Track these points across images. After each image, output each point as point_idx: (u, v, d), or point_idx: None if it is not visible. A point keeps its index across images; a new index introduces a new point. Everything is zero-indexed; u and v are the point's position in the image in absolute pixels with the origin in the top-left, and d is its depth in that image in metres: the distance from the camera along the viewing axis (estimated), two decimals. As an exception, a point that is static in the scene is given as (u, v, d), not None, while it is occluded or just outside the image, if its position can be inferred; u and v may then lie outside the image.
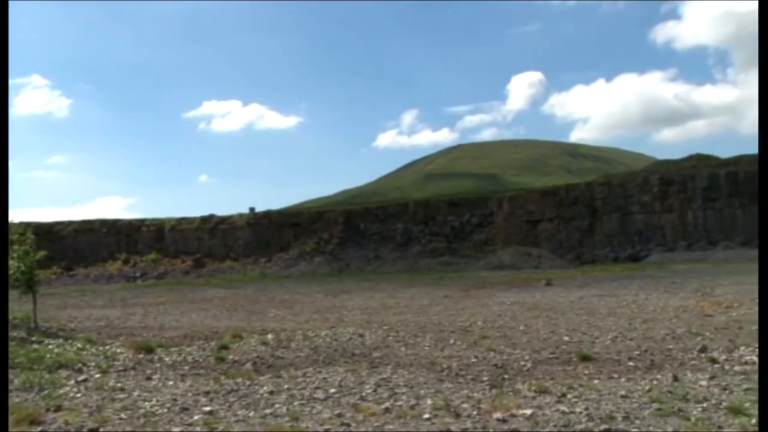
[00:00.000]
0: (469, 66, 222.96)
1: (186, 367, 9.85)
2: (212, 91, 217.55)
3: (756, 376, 7.85)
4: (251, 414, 6.78)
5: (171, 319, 17.70)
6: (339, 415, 6.61)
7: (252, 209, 59.05)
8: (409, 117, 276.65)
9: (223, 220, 57.15)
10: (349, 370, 9.13)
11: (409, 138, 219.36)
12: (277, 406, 7.11)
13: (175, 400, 7.42)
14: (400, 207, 55.62)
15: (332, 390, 7.86)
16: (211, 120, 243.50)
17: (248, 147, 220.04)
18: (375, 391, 7.78)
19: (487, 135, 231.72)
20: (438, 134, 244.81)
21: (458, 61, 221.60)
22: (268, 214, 57.80)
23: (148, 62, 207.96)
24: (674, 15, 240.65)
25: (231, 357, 10.73)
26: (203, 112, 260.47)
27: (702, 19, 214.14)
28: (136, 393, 7.86)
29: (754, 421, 5.86)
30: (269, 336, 13.14)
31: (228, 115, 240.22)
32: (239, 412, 6.86)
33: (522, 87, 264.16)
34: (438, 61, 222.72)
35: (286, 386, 8.15)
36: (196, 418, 6.65)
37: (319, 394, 7.63)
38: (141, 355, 10.89)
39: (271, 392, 7.81)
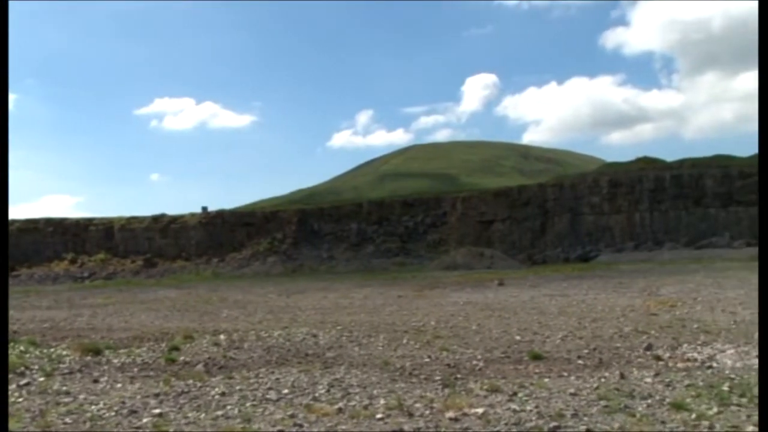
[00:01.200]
0: (424, 67, 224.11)
1: (135, 369, 9.66)
2: (164, 88, 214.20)
3: (698, 373, 8.10)
4: (202, 416, 6.69)
5: (120, 320, 17.33)
6: (292, 416, 6.57)
7: (204, 208, 58.24)
8: (364, 117, 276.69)
9: (175, 219, 56.21)
10: (303, 371, 9.08)
11: (364, 138, 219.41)
12: (228, 407, 7.03)
13: (123, 402, 7.27)
14: (355, 207, 55.59)
15: (285, 391, 7.80)
16: (163, 118, 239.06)
17: (201, 146, 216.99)
18: (328, 391, 7.76)
19: (441, 136, 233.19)
20: (393, 135, 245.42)
21: (413, 62, 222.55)
22: (221, 214, 57.09)
23: (98, 58, 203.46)
24: (623, 21, 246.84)
25: (182, 358, 10.55)
26: (155, 109, 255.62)
27: (649, 26, 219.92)
28: (82, 396, 7.67)
29: (694, 416, 6.04)
30: (221, 337, 12.98)
31: (180, 113, 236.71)
32: (190, 414, 6.76)
33: (476, 89, 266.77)
34: (393, 61, 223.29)
35: (238, 387, 8.07)
36: (145, 421, 6.52)
37: (272, 395, 7.57)
38: (88, 358, 10.64)
39: (223, 393, 7.72)
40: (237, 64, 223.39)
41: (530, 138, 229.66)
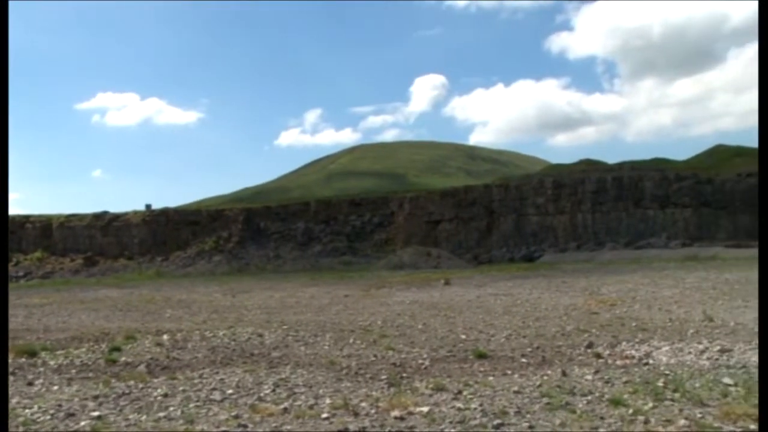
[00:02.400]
0: (373, 67, 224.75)
1: (73, 371, 9.39)
2: (107, 82, 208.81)
3: (635, 369, 8.33)
4: (143, 418, 6.55)
5: (57, 321, 16.81)
6: (236, 417, 6.50)
7: (148, 206, 56.98)
8: (312, 116, 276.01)
9: (117, 217, 54.81)
10: (248, 371, 8.99)
11: (312, 137, 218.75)
12: (171, 408, 6.90)
13: (59, 405, 7.06)
14: (302, 206, 55.25)
15: (229, 391, 7.71)
16: (105, 113, 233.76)
17: (145, 142, 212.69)
18: (273, 391, 7.70)
19: (389, 136, 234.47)
20: (341, 134, 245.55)
21: (362, 61, 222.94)
22: (165, 212, 55.95)
23: (37, 50, 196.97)
24: (567, 26, 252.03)
25: (123, 359, 10.32)
26: (97, 104, 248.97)
27: (592, 32, 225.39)
28: (15, 400, 7.42)
29: (631, 411, 6.22)
30: (165, 337, 12.73)
31: (124, 109, 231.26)
32: (130, 416, 6.61)
33: (424, 89, 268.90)
34: (342, 61, 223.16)
35: (181, 388, 7.93)
36: (82, 424, 6.35)
37: (216, 396, 7.47)
38: (22, 360, 10.30)
39: (166, 395, 7.58)
40: (184, 60, 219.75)
41: (477, 139, 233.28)
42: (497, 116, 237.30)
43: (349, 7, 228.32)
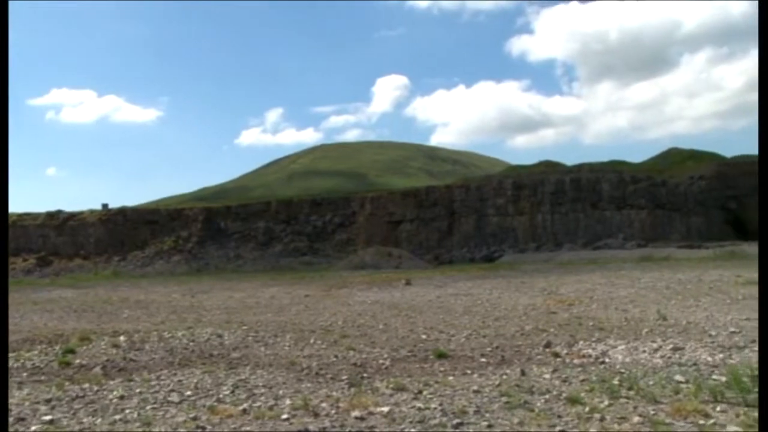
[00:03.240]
0: (335, 67, 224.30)
1: (24, 374, 9.16)
2: (63, 78, 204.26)
3: (592, 368, 8.48)
4: (98, 421, 6.42)
5: (9, 322, 16.37)
6: (194, 418, 6.42)
7: (105, 205, 55.89)
8: (273, 115, 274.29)
9: (73, 216, 53.62)
10: (207, 372, 8.88)
11: (273, 136, 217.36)
12: (127, 411, 6.78)
13: (9, 410, 6.87)
14: (263, 206, 54.82)
15: (188, 392, 7.61)
16: (60, 109, 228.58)
17: (102, 140, 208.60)
18: (233, 392, 7.63)
19: (351, 136, 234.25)
20: (303, 133, 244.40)
21: (324, 61, 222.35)
22: (122, 211, 54.93)
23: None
24: (528, 29, 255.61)
25: (78, 361, 10.09)
26: (52, 100, 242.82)
27: (552, 35, 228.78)
28: (-35, 403, 7.20)
29: (587, 409, 6.32)
30: (121, 338, 12.50)
31: (80, 106, 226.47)
32: (84, 420, 6.48)
33: (386, 90, 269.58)
34: (304, 60, 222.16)
35: (138, 390, 7.80)
36: (33, 428, 6.20)
37: (174, 397, 7.37)
38: (-27, 362, 9.99)
39: (122, 397, 7.45)
40: (143, 57, 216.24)
41: (438, 139, 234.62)
42: (458, 117, 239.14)
43: (311, 7, 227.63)
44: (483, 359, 9.54)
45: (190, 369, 9.22)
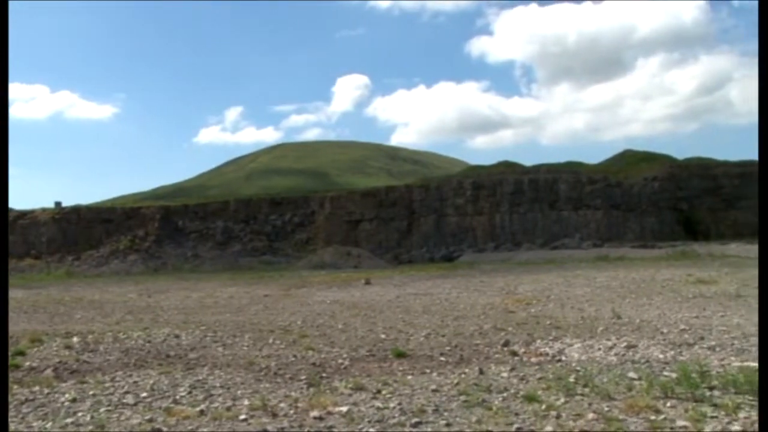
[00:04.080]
0: (295, 66, 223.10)
1: (-27, 377, 8.89)
2: (14, 73, 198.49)
3: (549, 366, 8.62)
4: (49, 425, 6.29)
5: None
6: (150, 420, 6.33)
7: (58, 204, 54.55)
8: (233, 114, 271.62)
9: (24, 214, 52.22)
10: (163, 373, 8.76)
11: (232, 135, 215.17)
12: (80, 414, 6.65)
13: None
14: (221, 205, 54.22)
15: (143, 394, 7.50)
16: (11, 105, 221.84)
17: (56, 137, 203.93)
18: (190, 393, 7.54)
19: (311, 135, 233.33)
20: (262, 132, 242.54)
21: (285, 60, 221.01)
22: (76, 209, 53.71)
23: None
24: (487, 31, 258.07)
25: (28, 363, 9.84)
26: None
27: (511, 37, 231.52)
28: None
29: (544, 406, 6.44)
30: (74, 339, 12.22)
31: (32, 101, 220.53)
32: (34, 424, 6.33)
33: (347, 89, 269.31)
34: (264, 59, 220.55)
35: (91, 392, 7.65)
36: (-17, 432, 6.03)
37: (129, 399, 7.25)
38: None
39: (74, 399, 7.29)
40: (99, 52, 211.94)
41: (398, 139, 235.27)
42: (419, 117, 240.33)
43: (271, 6, 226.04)
44: (442, 358, 9.61)
45: (146, 370, 9.08)
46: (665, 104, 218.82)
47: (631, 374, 7.74)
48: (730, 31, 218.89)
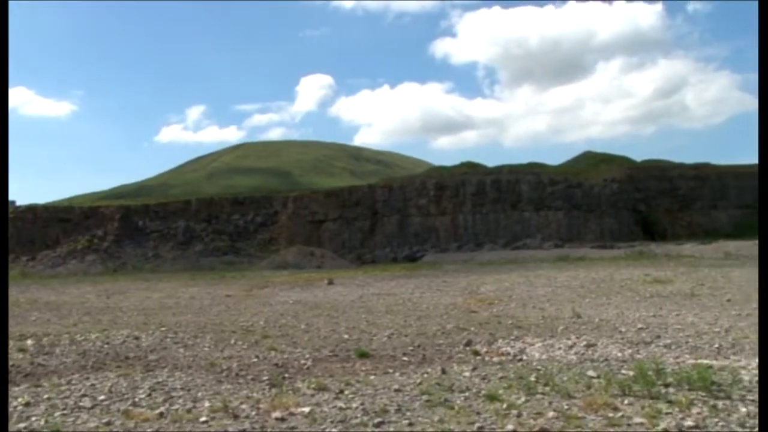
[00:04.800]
0: (258, 65, 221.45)
1: (-77, 381, 8.63)
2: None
3: (510, 365, 8.72)
4: (3, 429, 6.12)
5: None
6: (108, 423, 6.22)
7: (13, 203, 53.23)
8: (195, 112, 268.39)
9: (-24, 213, 50.88)
10: (122, 375, 8.61)
11: (194, 134, 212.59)
12: (34, 418, 6.49)
13: None
14: (182, 204, 53.56)
15: (101, 397, 7.36)
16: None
17: (11, 134, 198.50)
18: (149, 395, 7.43)
19: (274, 134, 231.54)
20: (225, 131, 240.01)
21: (248, 59, 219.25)
22: (32, 209, 52.49)
23: None
24: (451, 32, 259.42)
25: (-19, 367, 9.58)
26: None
27: (474, 39, 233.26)
28: None
29: (505, 405, 6.50)
30: (29, 341, 11.93)
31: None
32: (-12, 428, 6.16)
33: (311, 89, 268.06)
34: (227, 58, 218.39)
35: (46, 396, 7.48)
36: (-66, 438, 5.85)
37: (86, 402, 7.11)
38: None
39: (28, 404, 7.11)
40: (56, 48, 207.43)
41: (362, 140, 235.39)
42: (382, 118, 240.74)
43: (235, 5, 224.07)
44: (404, 358, 9.65)
45: (104, 372, 8.92)
46: (624, 107, 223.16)
47: (591, 373, 7.88)
48: (685, 37, 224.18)
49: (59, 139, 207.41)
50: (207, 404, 6.91)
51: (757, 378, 7.31)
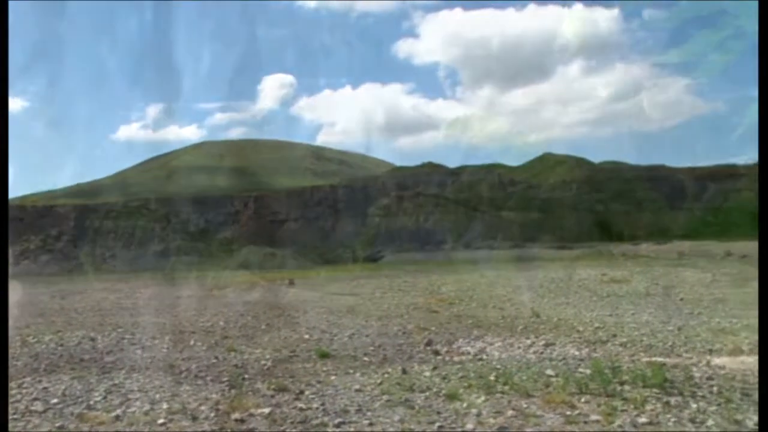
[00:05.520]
0: (220, 64, 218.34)
1: None
2: None
3: (470, 365, 8.79)
4: (-48, 434, 5.95)
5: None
6: (61, 427, 6.10)
7: (-39, 201, 51.68)
8: (154, 110, 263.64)
9: (-76, 211, 49.25)
10: (76, 377, 8.44)
11: (153, 132, 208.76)
12: (-16, 423, 6.32)
13: None
14: (141, 203, 52.68)
15: (54, 400, 7.20)
16: None
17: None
18: (105, 398, 7.29)
19: (236, 133, 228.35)
20: (185, 130, 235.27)
21: (209, 58, 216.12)
22: (-18, 207, 51.01)
23: None
24: (413, 33, 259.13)
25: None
26: None
27: (436, 40, 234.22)
28: None
29: (465, 404, 6.56)
30: (-21, 344, 11.60)
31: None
32: (-63, 434, 5.97)
33: (273, 88, 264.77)
34: (188, 56, 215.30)
35: (-3, 400, 7.28)
36: None
37: (38, 406, 6.94)
38: None
39: (-22, 408, 6.92)
40: (9, 40, 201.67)
41: (324, 139, 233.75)
42: (344, 118, 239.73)
43: (196, 3, 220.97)
44: (365, 358, 9.65)
45: (58, 375, 8.73)
46: (583, 109, 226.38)
47: (549, 371, 7.99)
48: (642, 42, 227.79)
49: (11, 136, 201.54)
50: (165, 406, 6.81)
51: (708, 375, 7.53)
